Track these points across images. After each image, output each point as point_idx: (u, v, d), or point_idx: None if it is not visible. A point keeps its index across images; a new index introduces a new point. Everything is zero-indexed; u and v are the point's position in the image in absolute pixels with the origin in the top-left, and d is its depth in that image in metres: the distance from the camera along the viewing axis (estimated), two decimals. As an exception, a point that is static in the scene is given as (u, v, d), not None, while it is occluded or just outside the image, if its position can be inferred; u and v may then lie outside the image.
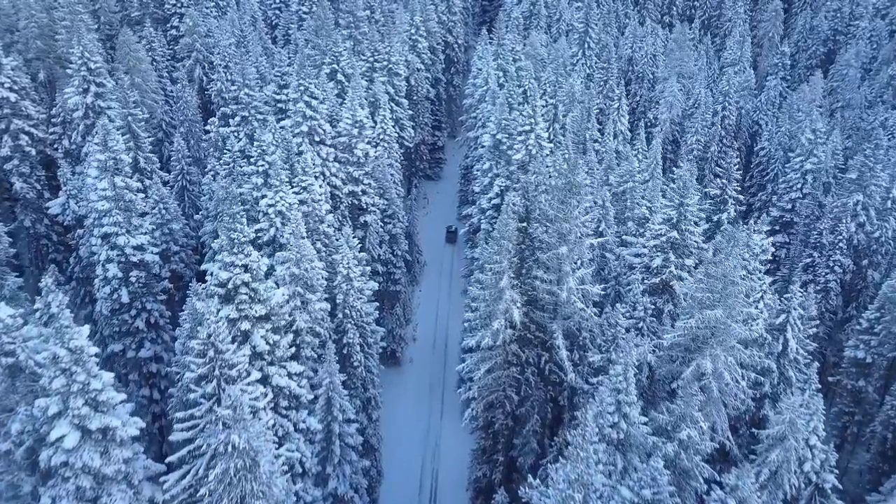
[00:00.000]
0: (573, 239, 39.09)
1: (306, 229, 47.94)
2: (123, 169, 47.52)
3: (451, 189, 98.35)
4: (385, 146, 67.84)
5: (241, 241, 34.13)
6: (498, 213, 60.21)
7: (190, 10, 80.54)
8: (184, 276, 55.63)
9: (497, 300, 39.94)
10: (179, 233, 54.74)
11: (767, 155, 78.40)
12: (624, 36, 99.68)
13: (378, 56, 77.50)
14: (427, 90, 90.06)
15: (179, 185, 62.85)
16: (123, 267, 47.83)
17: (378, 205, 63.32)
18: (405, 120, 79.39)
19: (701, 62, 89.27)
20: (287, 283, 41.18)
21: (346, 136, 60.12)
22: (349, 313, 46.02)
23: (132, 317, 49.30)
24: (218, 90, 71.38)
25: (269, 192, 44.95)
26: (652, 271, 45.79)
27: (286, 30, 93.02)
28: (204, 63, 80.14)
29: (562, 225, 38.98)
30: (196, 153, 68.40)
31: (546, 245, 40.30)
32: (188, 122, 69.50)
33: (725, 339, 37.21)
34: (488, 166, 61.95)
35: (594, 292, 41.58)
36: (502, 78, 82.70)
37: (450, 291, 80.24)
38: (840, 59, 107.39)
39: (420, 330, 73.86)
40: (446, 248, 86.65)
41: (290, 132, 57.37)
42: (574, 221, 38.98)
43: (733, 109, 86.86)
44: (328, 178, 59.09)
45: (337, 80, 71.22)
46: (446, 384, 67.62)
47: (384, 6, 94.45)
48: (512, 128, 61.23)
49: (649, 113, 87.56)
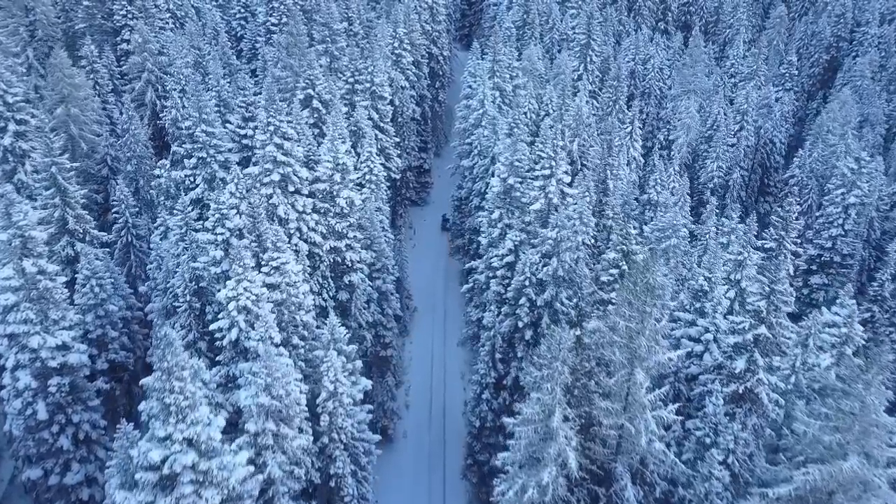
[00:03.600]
0: (650, 360, 27.36)
1: (280, 322, 35.70)
2: (36, 248, 34.82)
3: (439, 213, 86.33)
4: (372, 187, 55.59)
5: (181, 405, 21.85)
6: (511, 273, 48.40)
7: (139, 24, 67.05)
8: (127, 367, 43.15)
9: (546, 441, 28.08)
10: (118, 315, 42.09)
11: (799, 184, 67.35)
12: (623, 47, 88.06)
13: (359, 76, 64.99)
14: (413, 110, 77.67)
15: (124, 242, 50.15)
16: (39, 373, 35.26)
17: (365, 259, 51.15)
18: (391, 148, 67.02)
19: (715, 77, 77.88)
20: (254, 417, 29.00)
21: (326, 181, 47.77)
22: (337, 437, 33.90)
23: (54, 434, 36.74)
24: (173, 119, 58.50)
25: (231, 282, 32.58)
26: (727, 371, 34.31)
27: (253, 42, 79.87)
28: (157, 85, 66.98)
29: (636, 341, 27.21)
30: (147, 194, 55.70)
31: (611, 364, 28.52)
32: (136, 158, 56.61)
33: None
34: (498, 215, 49.91)
35: (670, 419, 29.93)
36: (499, 99, 70.71)
37: (444, 339, 68.20)
38: (848, 68, 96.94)
39: (413, 391, 61.75)
40: (439, 289, 74.51)
41: (258, 181, 44.94)
42: (652, 336, 27.25)
43: (751, 129, 75.79)
44: (305, 234, 46.77)
45: (313, 108, 58.66)
46: (447, 462, 55.82)
47: (363, 16, 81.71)
48: (524, 170, 49.35)
49: (659, 134, 76.06)
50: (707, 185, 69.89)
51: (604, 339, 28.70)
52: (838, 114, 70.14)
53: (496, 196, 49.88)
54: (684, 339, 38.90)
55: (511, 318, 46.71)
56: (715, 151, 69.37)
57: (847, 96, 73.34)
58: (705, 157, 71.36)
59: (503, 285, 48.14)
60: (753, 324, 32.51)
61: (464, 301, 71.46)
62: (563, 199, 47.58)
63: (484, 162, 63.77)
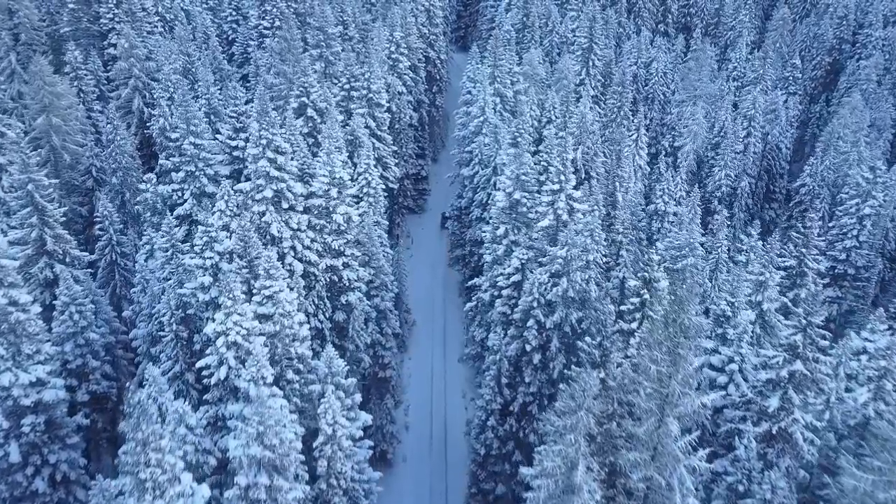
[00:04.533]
0: (683, 406, 24.48)
1: (274, 356, 32.71)
2: (6, 278, 31.73)
3: (436, 221, 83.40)
4: (370, 200, 52.59)
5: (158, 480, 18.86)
6: (518, 293, 45.50)
7: (126, 29, 63.74)
8: (110, 397, 40.08)
9: (568, 494, 25.17)
10: (100, 343, 38.99)
11: (810, 193, 64.61)
12: (625, 50, 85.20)
13: (355, 83, 61.91)
14: (410, 116, 74.59)
15: (108, 261, 47.02)
16: (12, 412, 32.21)
17: (363, 278, 48.15)
18: (388, 157, 64.01)
19: (720, 81, 74.97)
20: (244, 469, 26.03)
21: (322, 196, 44.76)
22: (336, 482, 30.93)
23: (28, 477, 33.63)
24: (161, 128, 55.40)
25: (219, 314, 29.56)
26: (758, 408, 31.50)
27: (245, 46, 76.60)
28: (144, 92, 63.72)
29: (667, 386, 24.33)
30: (133, 209, 52.58)
31: (637, 407, 25.63)
32: (122, 170, 53.45)
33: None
34: (503, 231, 46.92)
35: (702, 467, 27.03)
36: (500, 105, 67.73)
37: (444, 355, 65.12)
38: (853, 71, 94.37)
39: (413, 411, 58.70)
40: (438, 301, 71.48)
41: (250, 197, 41.89)
42: (685, 381, 24.38)
43: (759, 136, 73.06)
44: (300, 253, 43.74)
45: (307, 117, 55.61)
46: (450, 488, 52.88)
47: (358, 19, 78.54)
48: (531, 184, 46.43)
49: (664, 140, 73.24)
50: (714, 194, 67.07)
51: (630, 381, 25.80)
52: (849, 119, 67.40)
53: (501, 211, 46.90)
54: (705, 367, 36.17)
55: (518, 340, 43.85)
56: (723, 159, 66.60)
57: (858, 101, 70.58)
58: (712, 165, 68.60)
59: (509, 305, 45.28)
60: (788, 359, 29.67)
61: (464, 314, 68.56)
62: (571, 215, 44.63)
63: (486, 172, 60.82)
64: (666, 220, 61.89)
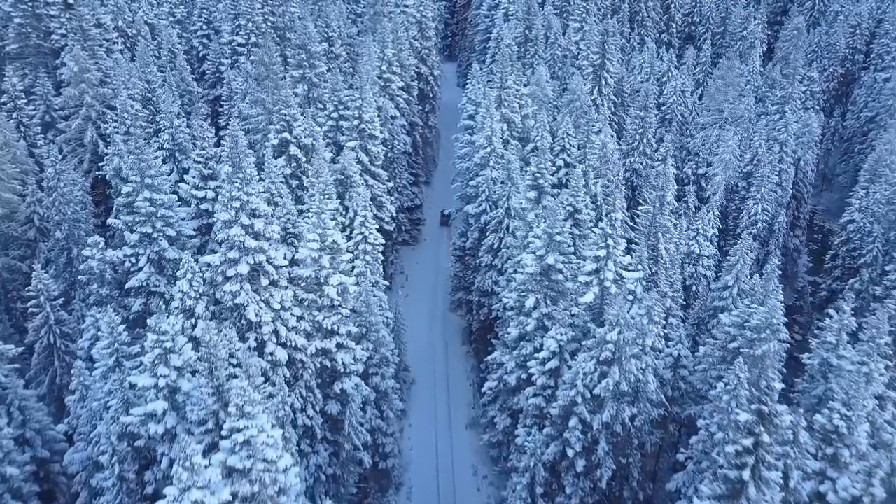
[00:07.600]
0: None
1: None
2: None
3: (431, 254, 74.11)
4: (368, 259, 42.99)
5: None
6: (555, 382, 36.18)
7: (76, 49, 53.22)
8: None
9: None
10: (20, 477, 29.04)
11: (860, 231, 55.93)
12: (636, 64, 76.27)
13: (344, 111, 52.18)
14: (404, 142, 64.96)
15: (44, 344, 36.98)
16: None
17: (360, 358, 38.50)
18: (383, 196, 54.41)
19: (749, 100, 65.97)
20: None
21: (311, 267, 35.08)
22: None
23: None
24: (115, 168, 45.51)
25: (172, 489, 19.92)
26: None
27: (217, 65, 66.42)
28: (98, 122, 53.45)
29: None
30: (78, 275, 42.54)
31: None
32: (68, 222, 43.41)
33: None
34: (533, 301, 37.41)
35: None
36: (507, 132, 58.37)
37: (449, 420, 55.54)
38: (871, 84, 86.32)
39: (417, 495, 49.11)
40: (439, 352, 61.95)
41: (220, 273, 32.14)
42: None
43: (790, 161, 64.38)
44: (283, 337, 34.07)
45: (290, 155, 45.83)
46: None
47: (343, 33, 68.71)
48: (567, 245, 37.02)
49: (686, 168, 64.24)
50: (749, 230, 58.22)
51: None
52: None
53: (530, 277, 37.39)
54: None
55: (557, 441, 34.67)
56: (758, 191, 57.74)
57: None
58: (745, 197, 59.71)
59: (544, 397, 35.98)
60: None
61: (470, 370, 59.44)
62: (620, 285, 35.37)
63: (496, 213, 51.39)
64: (700, 264, 53.12)
